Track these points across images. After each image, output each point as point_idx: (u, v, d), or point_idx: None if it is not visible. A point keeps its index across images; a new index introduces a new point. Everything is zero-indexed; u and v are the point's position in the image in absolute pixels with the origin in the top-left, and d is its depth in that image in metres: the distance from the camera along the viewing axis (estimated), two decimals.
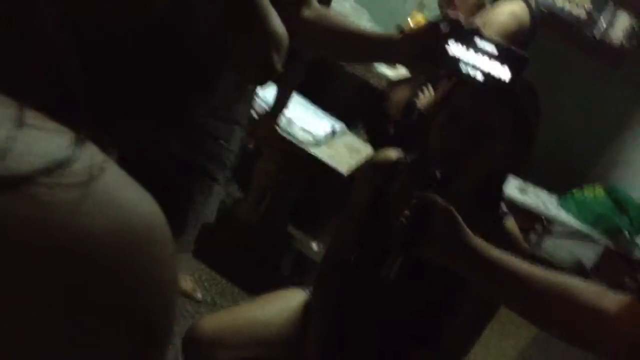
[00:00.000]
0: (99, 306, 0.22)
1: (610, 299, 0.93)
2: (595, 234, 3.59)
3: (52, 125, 0.23)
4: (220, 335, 1.38)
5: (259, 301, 1.52)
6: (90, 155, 0.23)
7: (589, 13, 3.30)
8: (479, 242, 1.00)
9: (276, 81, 2.23)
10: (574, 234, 3.76)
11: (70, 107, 0.24)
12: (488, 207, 1.30)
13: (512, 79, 1.07)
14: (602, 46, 3.37)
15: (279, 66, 0.98)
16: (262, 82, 1.11)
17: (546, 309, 0.97)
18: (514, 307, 1.02)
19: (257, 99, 2.21)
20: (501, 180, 1.30)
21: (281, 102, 2.26)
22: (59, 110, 0.23)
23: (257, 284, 1.97)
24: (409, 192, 1.14)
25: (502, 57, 1.07)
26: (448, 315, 1.35)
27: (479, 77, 1.08)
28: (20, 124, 0.22)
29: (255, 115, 2.21)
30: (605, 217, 3.55)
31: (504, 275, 0.98)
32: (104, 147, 0.24)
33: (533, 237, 4.26)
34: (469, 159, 1.19)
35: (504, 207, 1.32)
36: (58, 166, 0.21)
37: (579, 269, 4.19)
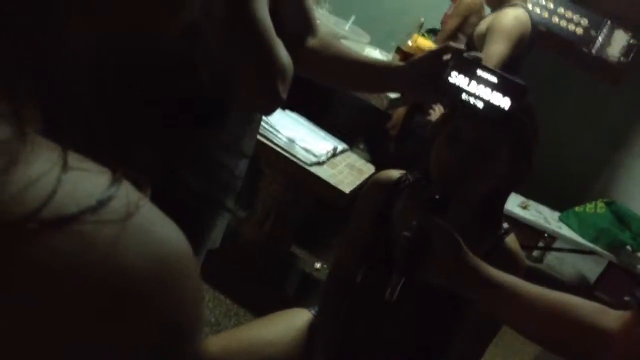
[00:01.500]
0: (133, 334, 0.25)
1: (609, 316, 0.95)
2: (598, 248, 3.60)
3: (92, 165, 0.25)
4: (225, 355, 1.39)
5: (263, 321, 1.53)
6: (127, 193, 0.26)
7: (586, 30, 3.34)
8: (479, 263, 1.01)
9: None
10: (577, 249, 3.77)
11: (94, 144, 0.26)
12: (489, 226, 1.31)
13: (511, 107, 1.09)
14: (600, 63, 3.41)
15: (284, 95, 0.99)
16: (267, 112, 1.13)
17: (546, 326, 0.98)
18: (515, 326, 1.03)
19: (263, 127, 2.24)
20: (501, 200, 1.31)
21: None
22: (85, 148, 0.26)
23: (261, 304, 1.98)
24: (410, 212, 1.16)
25: (502, 87, 1.09)
26: (452, 334, 1.36)
27: (480, 105, 1.10)
28: (65, 166, 0.24)
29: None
30: (607, 231, 3.56)
31: (503, 295, 0.99)
32: (139, 185, 0.26)
33: (536, 252, 4.27)
34: (468, 180, 1.20)
35: (505, 225, 1.34)
36: (100, 205, 0.24)
37: (582, 284, 4.19)
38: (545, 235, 3.91)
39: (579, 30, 3.32)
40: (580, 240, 3.63)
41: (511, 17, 2.59)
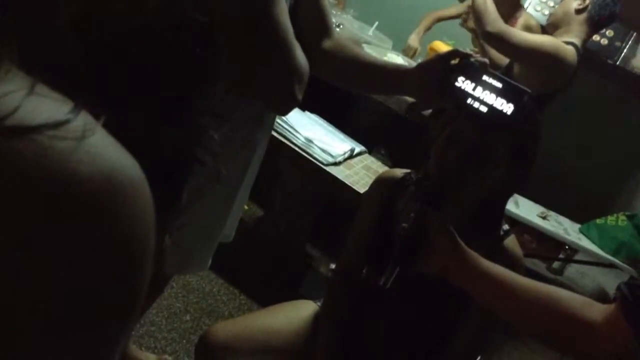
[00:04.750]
0: (82, 238, 0.28)
1: (596, 308, 0.97)
2: (618, 261, 3.56)
3: (57, 95, 0.30)
4: (232, 341, 1.44)
5: (270, 310, 1.58)
6: (85, 119, 0.30)
7: (611, 41, 3.33)
8: (471, 254, 1.05)
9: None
10: (597, 262, 3.72)
11: (75, 86, 0.31)
12: (488, 227, 1.33)
13: (514, 113, 1.11)
14: (624, 73, 3.39)
15: (299, 96, 1.02)
16: (283, 112, 1.16)
17: (534, 317, 1.01)
18: (505, 315, 1.06)
19: (281, 126, 2.30)
20: (501, 201, 1.34)
21: None
22: (65, 87, 0.31)
23: (275, 301, 2.02)
24: (410, 207, 1.20)
25: (507, 93, 1.11)
26: (454, 328, 1.39)
27: (483, 110, 1.13)
28: (32, 91, 0.29)
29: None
30: (628, 245, 3.52)
31: (494, 285, 1.02)
32: (96, 115, 0.31)
33: (556, 264, 4.23)
34: (465, 181, 1.23)
35: (505, 226, 1.36)
36: (58, 124, 0.28)
37: (603, 298, 4.14)
38: (567, 247, 3.88)
39: (604, 41, 3.31)
40: (601, 252, 3.59)
41: (554, 41, 2.46)
